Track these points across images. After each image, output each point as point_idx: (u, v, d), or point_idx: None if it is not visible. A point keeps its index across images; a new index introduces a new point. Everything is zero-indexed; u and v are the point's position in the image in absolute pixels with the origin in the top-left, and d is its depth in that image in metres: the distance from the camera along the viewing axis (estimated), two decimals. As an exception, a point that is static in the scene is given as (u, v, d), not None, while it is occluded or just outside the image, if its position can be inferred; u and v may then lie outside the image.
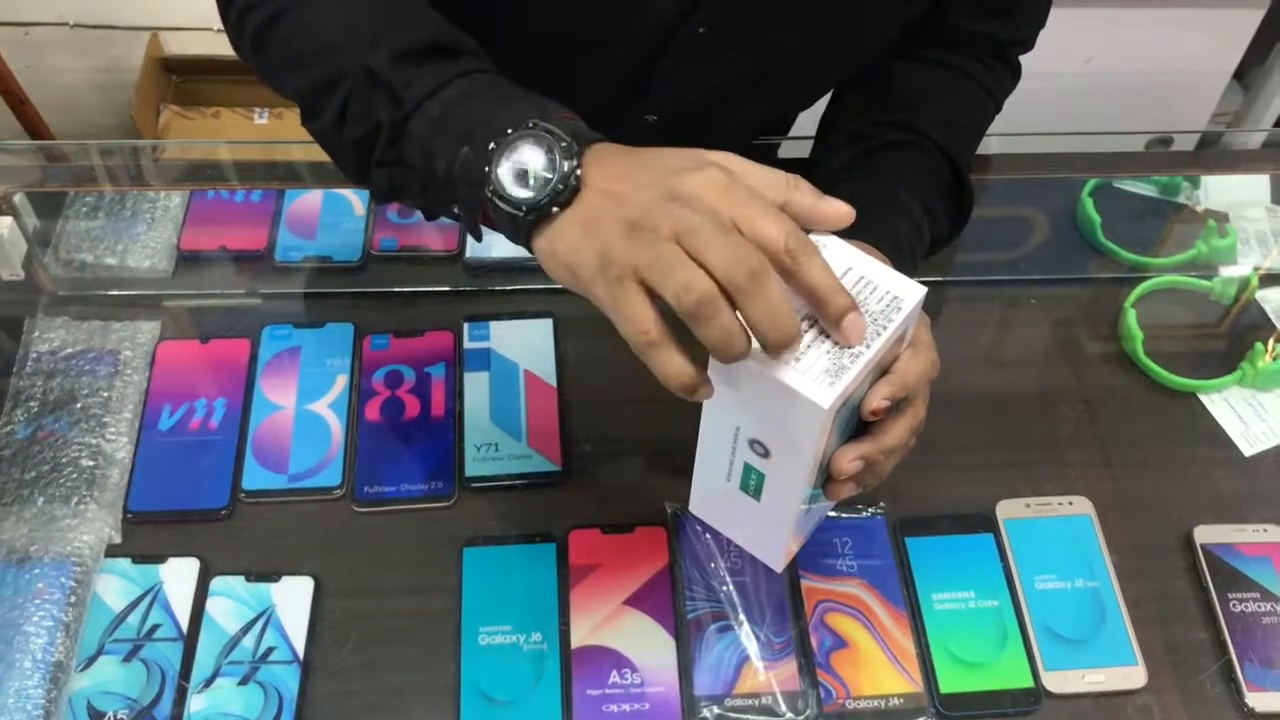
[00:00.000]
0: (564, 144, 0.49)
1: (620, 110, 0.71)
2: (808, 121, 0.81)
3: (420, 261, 0.85)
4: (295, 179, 0.89)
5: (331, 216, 0.87)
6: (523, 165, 0.49)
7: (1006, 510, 0.74)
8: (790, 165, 0.64)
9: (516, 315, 0.82)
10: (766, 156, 0.88)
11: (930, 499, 0.74)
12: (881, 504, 0.73)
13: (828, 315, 0.48)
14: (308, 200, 0.88)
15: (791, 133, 0.87)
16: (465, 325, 0.81)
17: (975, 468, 0.76)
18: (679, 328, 0.47)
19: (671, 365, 0.47)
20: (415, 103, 0.53)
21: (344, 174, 0.59)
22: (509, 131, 0.50)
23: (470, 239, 0.86)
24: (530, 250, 0.51)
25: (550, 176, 0.49)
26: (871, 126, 0.72)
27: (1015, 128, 0.83)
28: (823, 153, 0.75)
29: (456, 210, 0.54)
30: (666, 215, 0.46)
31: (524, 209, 0.49)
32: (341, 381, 0.78)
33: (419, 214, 0.85)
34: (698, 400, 0.49)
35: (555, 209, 0.49)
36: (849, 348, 0.48)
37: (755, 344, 0.47)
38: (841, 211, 0.50)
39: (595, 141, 0.51)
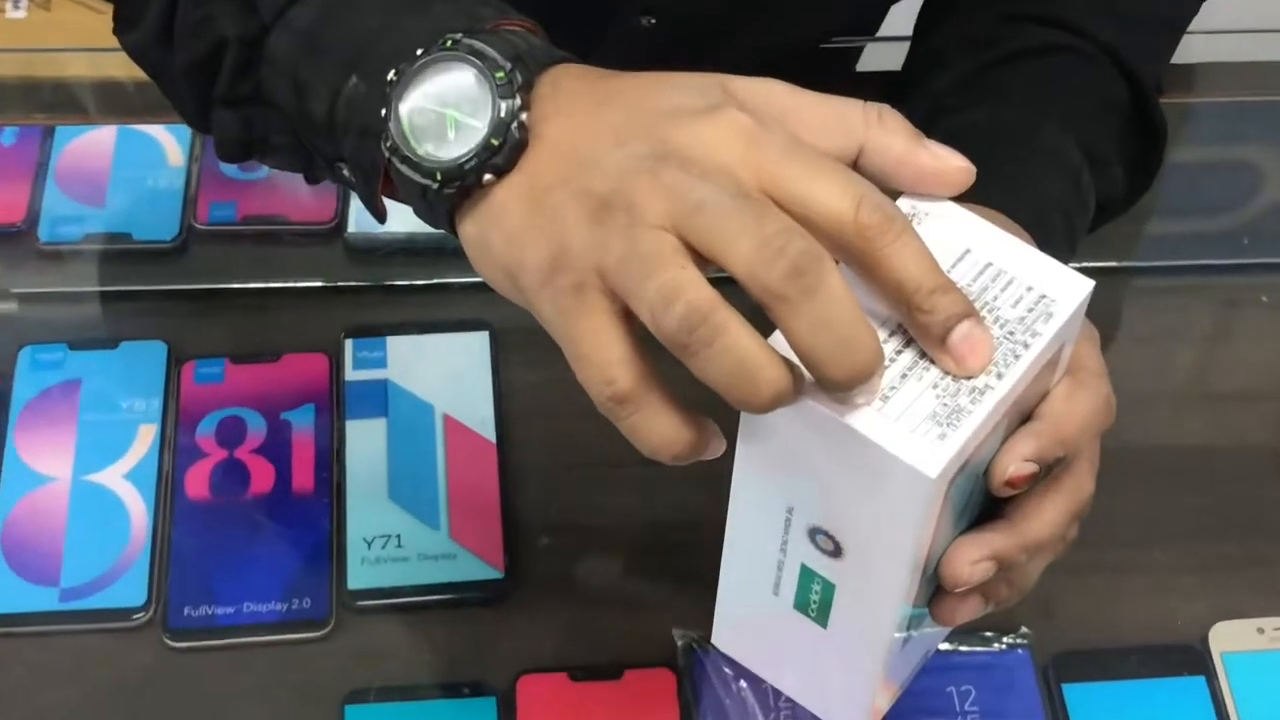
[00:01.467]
0: (501, 73, 0.49)
1: (601, 8, 0.72)
2: (904, 14, 0.81)
3: (276, 240, 0.85)
4: (73, 108, 0.89)
5: (130, 169, 0.87)
6: (438, 107, 0.50)
7: (1226, 639, 0.74)
8: (872, 85, 0.63)
9: (430, 327, 0.81)
10: (842, 68, 0.89)
11: (1102, 622, 0.74)
12: (1025, 630, 0.74)
13: (928, 328, 0.48)
14: (92, 142, 0.88)
15: (881, 32, 0.87)
16: (348, 343, 0.81)
17: (1174, 572, 0.76)
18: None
19: (653, 431, 0.47)
20: (277, 7, 0.54)
21: (181, 115, 0.60)
22: (419, 53, 0.50)
23: (355, 207, 0.86)
24: (455, 237, 0.51)
25: (479, 126, 0.49)
26: (1001, 23, 0.72)
27: (1232, 21, 0.84)
28: (922, 65, 0.75)
29: (347, 173, 0.54)
30: (654, 185, 0.46)
31: (439, 177, 0.49)
32: (147, 436, 0.78)
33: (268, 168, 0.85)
34: (706, 458, 0.49)
35: (487, 177, 0.49)
36: (968, 379, 0.48)
37: (808, 373, 0.47)
38: (953, 168, 0.50)
39: (553, 64, 0.51)
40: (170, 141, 0.88)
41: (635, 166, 0.47)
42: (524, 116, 0.49)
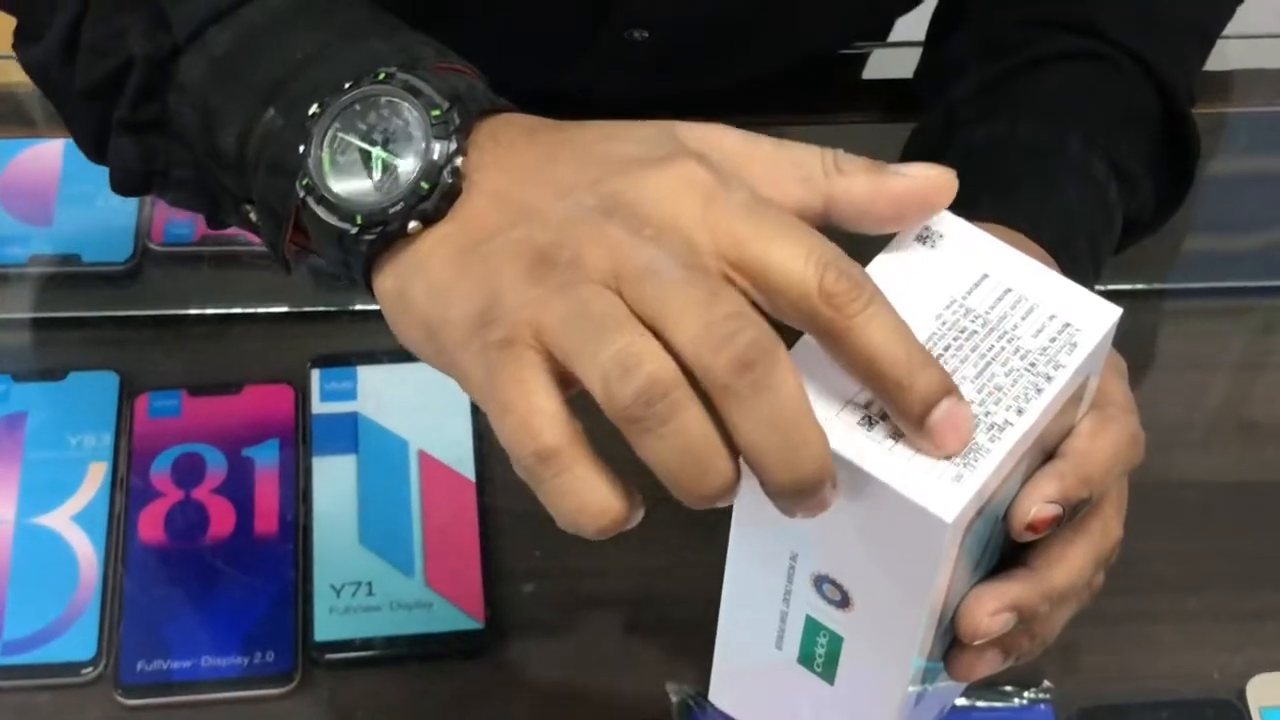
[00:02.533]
0: (438, 110, 0.49)
1: (589, 22, 0.71)
2: (914, 19, 0.81)
3: (237, 262, 0.85)
4: (16, 119, 0.88)
5: (80, 185, 0.87)
6: (364, 144, 0.50)
7: (1265, 692, 0.73)
8: (880, 93, 0.63)
9: (405, 355, 0.78)
10: (849, 76, 0.88)
11: (1131, 675, 0.73)
12: (1048, 684, 0.73)
13: (905, 409, 0.47)
14: (37, 156, 0.88)
15: (890, 37, 0.88)
16: (315, 373, 0.81)
17: (1209, 620, 0.75)
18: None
19: (579, 496, 0.45)
20: (192, 26, 0.54)
21: (77, 143, 0.59)
22: (346, 86, 0.50)
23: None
24: (369, 292, 0.51)
25: (409, 167, 0.49)
26: (1020, 28, 0.72)
27: (1269, 25, 0.84)
28: (936, 73, 0.75)
29: (254, 216, 0.54)
30: (600, 240, 0.46)
31: (359, 221, 0.49)
32: (97, 475, 0.77)
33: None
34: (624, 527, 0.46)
35: (413, 224, 0.49)
36: (988, 419, 0.48)
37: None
38: (934, 179, 0.49)
39: (495, 112, 0.51)
40: (124, 156, 0.88)
41: (580, 218, 0.46)
42: (459, 162, 0.49)
